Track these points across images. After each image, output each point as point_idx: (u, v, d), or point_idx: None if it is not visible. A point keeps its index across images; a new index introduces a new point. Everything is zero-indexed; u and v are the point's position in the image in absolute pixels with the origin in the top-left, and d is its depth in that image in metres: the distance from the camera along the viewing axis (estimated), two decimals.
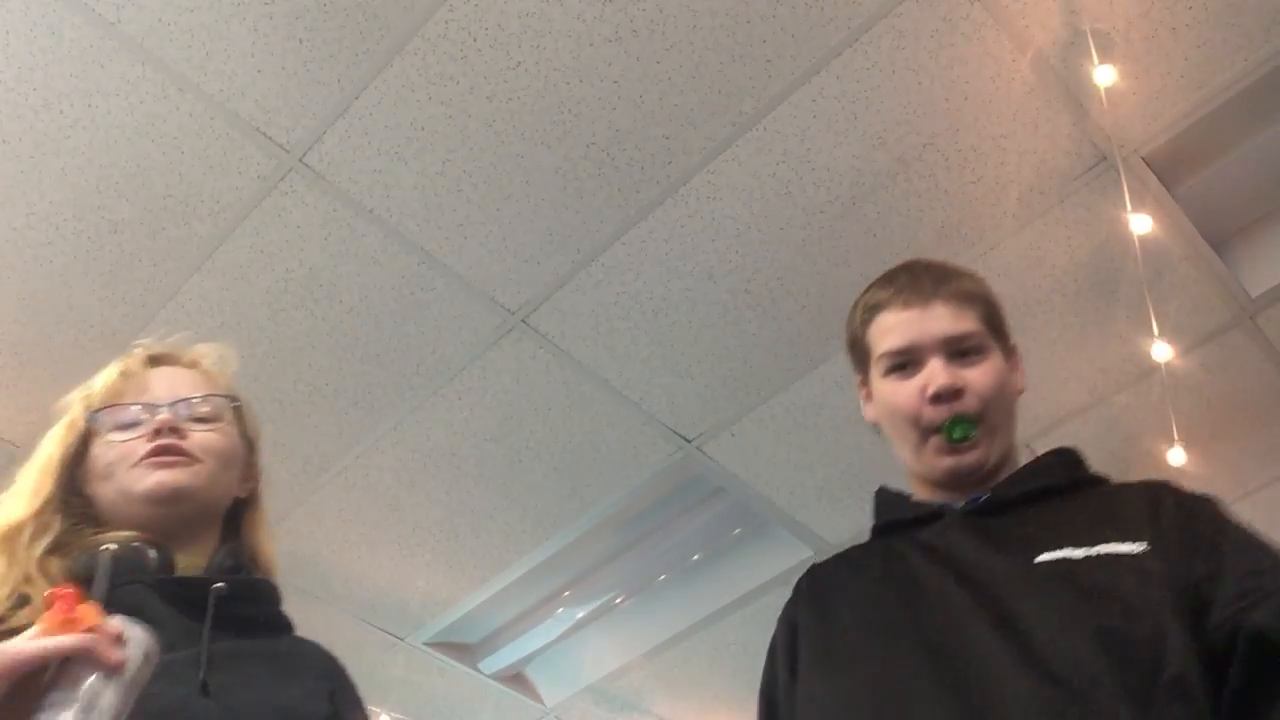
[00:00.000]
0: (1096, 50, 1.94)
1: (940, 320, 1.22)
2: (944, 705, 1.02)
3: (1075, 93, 2.02)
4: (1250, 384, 2.58)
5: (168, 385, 1.20)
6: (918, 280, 1.27)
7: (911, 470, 1.27)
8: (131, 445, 1.13)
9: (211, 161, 2.04)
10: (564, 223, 2.19)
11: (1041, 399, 2.60)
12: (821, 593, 1.25)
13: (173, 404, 1.17)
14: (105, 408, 1.17)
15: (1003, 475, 1.22)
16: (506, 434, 2.60)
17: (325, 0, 1.83)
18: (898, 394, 1.23)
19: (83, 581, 1.03)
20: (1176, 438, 2.57)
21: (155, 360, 1.24)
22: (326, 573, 2.89)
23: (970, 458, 1.20)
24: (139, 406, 1.16)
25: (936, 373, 1.19)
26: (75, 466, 1.15)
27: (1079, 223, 2.24)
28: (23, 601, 1.02)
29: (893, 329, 1.25)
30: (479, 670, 3.31)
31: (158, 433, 1.13)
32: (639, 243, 2.24)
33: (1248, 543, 1.10)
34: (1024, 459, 1.28)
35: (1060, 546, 1.09)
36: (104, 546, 1.07)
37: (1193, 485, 1.23)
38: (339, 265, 2.24)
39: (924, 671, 1.06)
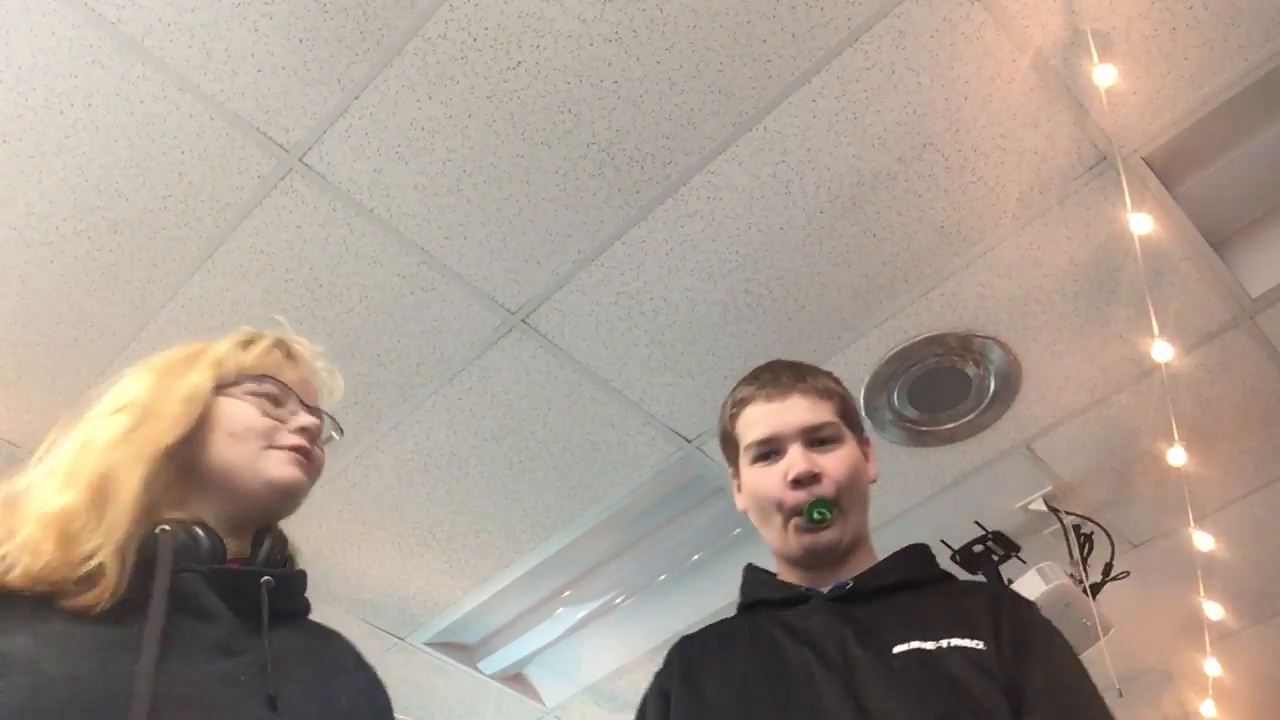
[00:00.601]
0: (1096, 50, 1.94)
1: (799, 411, 1.36)
2: None
3: (1075, 93, 2.02)
4: (1250, 384, 2.58)
5: (314, 389, 1.22)
6: (778, 377, 1.40)
7: (777, 552, 1.38)
8: (274, 424, 1.13)
9: (211, 161, 2.04)
10: (564, 223, 2.19)
11: (1042, 399, 2.60)
12: (693, 666, 1.34)
13: (320, 411, 1.19)
14: (266, 376, 1.15)
15: (857, 558, 1.35)
16: (506, 434, 2.60)
17: (325, 0, 1.83)
18: (763, 480, 1.35)
19: (143, 563, 0.99)
20: (1176, 438, 2.57)
21: (296, 355, 1.23)
22: (326, 573, 2.89)
23: (826, 537, 1.31)
24: (294, 396, 1.17)
25: (796, 460, 1.32)
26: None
27: (1079, 223, 2.24)
28: (91, 581, 0.95)
29: (756, 421, 1.38)
30: (479, 670, 3.31)
31: (304, 430, 1.13)
32: (639, 243, 2.24)
33: (1064, 668, 1.22)
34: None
35: (914, 639, 1.21)
36: (160, 528, 1.03)
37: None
38: (339, 265, 2.24)
39: None
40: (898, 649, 1.20)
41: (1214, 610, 3.15)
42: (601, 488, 2.75)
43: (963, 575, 2.82)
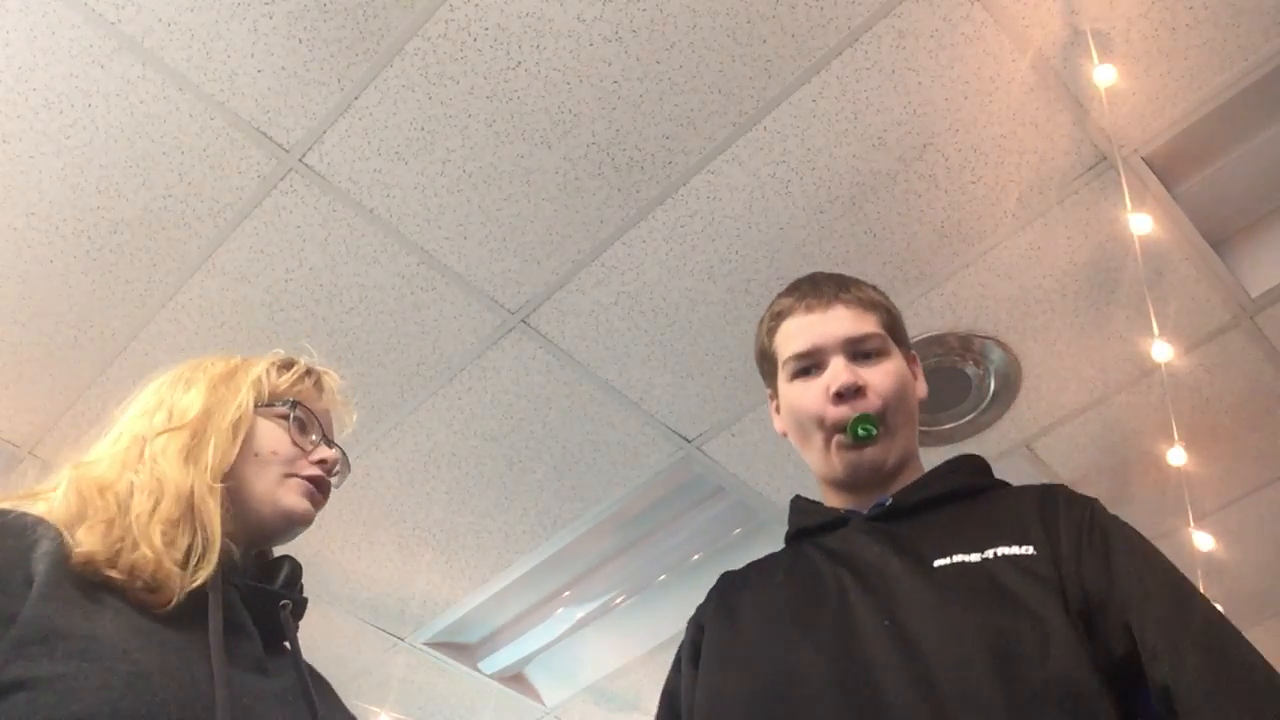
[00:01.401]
0: (1096, 50, 1.94)
1: (842, 322, 1.27)
2: (832, 708, 1.06)
3: (1075, 93, 2.02)
4: (1250, 384, 2.58)
5: (332, 422, 1.22)
6: (819, 287, 1.32)
7: (819, 474, 1.31)
8: (298, 452, 1.14)
9: (211, 161, 2.04)
10: (564, 223, 2.19)
11: (1041, 399, 2.60)
12: (729, 596, 1.29)
13: (342, 450, 1.19)
14: (298, 403, 1.17)
15: (904, 478, 1.26)
16: (506, 434, 2.60)
17: (325, 0, 1.83)
18: (803, 396, 1.26)
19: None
20: (1176, 438, 2.57)
21: (324, 387, 1.24)
22: (326, 573, 2.89)
23: (870, 455, 1.23)
24: (319, 427, 1.18)
25: (839, 372, 1.24)
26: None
27: (1079, 223, 2.24)
28: (161, 581, 0.96)
29: (797, 333, 1.29)
30: (479, 670, 3.31)
31: (324, 462, 1.15)
32: (639, 243, 2.24)
33: (1145, 563, 1.14)
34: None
35: (955, 552, 1.13)
36: None
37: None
38: (339, 265, 2.24)
39: (816, 673, 1.09)
40: (938, 563, 1.12)
41: None
42: (601, 488, 2.75)
43: None
